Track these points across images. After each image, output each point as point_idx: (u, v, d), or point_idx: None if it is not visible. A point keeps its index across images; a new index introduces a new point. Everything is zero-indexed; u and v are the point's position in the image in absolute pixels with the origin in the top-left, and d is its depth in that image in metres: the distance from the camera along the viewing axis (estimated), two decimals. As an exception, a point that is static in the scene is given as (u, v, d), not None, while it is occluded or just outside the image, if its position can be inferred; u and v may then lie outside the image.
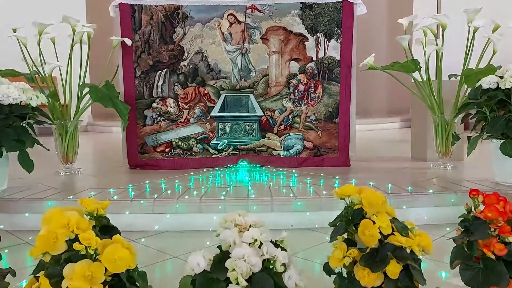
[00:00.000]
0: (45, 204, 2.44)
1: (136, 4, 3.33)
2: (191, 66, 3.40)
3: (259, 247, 1.17)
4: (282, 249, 1.19)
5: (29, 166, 2.63)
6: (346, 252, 1.18)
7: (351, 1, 3.33)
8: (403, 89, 3.50)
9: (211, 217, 2.34)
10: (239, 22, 3.39)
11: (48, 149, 2.88)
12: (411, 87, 3.43)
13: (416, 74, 3.27)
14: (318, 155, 3.43)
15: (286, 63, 3.39)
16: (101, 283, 1.08)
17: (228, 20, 3.38)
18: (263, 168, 3.32)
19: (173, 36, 3.38)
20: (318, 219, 2.40)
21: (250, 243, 1.18)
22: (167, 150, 3.42)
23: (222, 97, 3.42)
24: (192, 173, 3.10)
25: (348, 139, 3.42)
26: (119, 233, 1.26)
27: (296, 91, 3.40)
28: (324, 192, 2.55)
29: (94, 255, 1.12)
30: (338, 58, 3.36)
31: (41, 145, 2.78)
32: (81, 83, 3.25)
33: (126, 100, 3.31)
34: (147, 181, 2.83)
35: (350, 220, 1.24)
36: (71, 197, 2.50)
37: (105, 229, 1.23)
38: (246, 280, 1.09)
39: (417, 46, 3.26)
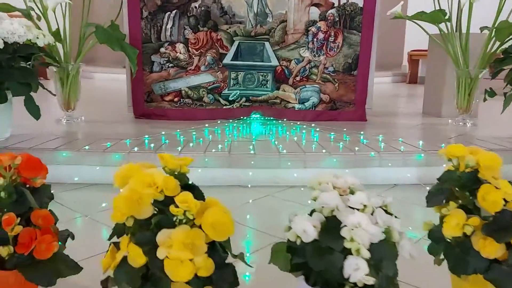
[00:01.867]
0: (59, 154, 2.23)
1: None
2: (203, 8, 3.13)
3: (371, 214, 1.03)
4: (395, 217, 1.05)
5: (36, 113, 2.38)
6: (466, 220, 1.06)
7: None
8: (393, 43, 3.35)
9: (246, 173, 2.19)
10: (257, -39, 3.11)
11: (54, 94, 2.62)
12: (436, 38, 3.28)
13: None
14: (334, 108, 3.29)
15: (306, 8, 3.16)
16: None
17: (245, -41, 3.11)
18: (278, 121, 3.16)
19: (183, -26, 3.09)
20: (355, 175, 2.27)
21: (358, 209, 1.04)
22: (175, 99, 3.20)
23: (236, 44, 3.19)
24: (206, 125, 2.91)
25: (365, 93, 3.28)
26: (203, 194, 1.10)
27: (315, 39, 3.20)
28: (356, 148, 2.42)
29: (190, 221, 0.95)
30: (361, 5, 3.16)
31: (47, 89, 2.52)
32: (84, 22, 2.96)
33: (132, 43, 3.04)
34: (163, 132, 2.63)
35: (464, 185, 1.11)
36: (87, 147, 2.28)
37: (187, 189, 1.06)
38: (365, 251, 0.96)
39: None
